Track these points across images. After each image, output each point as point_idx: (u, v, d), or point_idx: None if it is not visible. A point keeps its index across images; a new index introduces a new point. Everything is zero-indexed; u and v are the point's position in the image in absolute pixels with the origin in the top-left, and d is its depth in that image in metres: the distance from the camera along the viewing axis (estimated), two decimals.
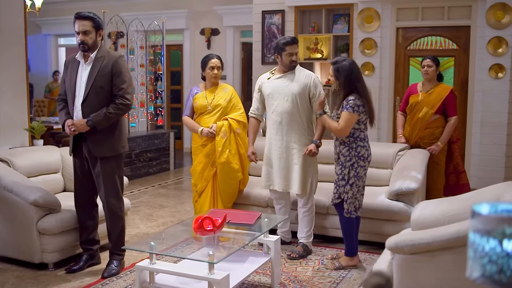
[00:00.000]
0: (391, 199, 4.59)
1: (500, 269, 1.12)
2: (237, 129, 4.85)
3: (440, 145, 5.11)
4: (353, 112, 3.97)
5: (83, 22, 3.86)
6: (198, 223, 3.40)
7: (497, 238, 1.12)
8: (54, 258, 4.15)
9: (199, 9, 10.40)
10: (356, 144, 4.07)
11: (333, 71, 4.09)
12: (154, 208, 6.27)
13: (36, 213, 4.06)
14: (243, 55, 10.41)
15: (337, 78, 4.06)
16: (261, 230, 3.73)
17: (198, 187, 4.89)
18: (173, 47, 10.85)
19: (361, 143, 4.09)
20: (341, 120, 4.02)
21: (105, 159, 3.98)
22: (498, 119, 6.44)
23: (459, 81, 6.78)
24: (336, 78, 4.06)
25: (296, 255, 4.45)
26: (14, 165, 4.50)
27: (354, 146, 4.07)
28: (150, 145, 8.27)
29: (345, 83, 4.03)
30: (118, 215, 4.10)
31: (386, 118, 7.03)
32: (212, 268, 3.10)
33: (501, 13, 6.31)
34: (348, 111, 3.97)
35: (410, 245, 2.88)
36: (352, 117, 3.98)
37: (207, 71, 4.87)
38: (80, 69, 3.95)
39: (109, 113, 3.86)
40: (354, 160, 4.05)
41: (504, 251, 1.12)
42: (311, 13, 7.64)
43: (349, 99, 4.01)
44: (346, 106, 3.99)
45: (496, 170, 6.44)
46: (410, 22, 6.96)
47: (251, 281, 3.92)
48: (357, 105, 3.98)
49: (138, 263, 3.38)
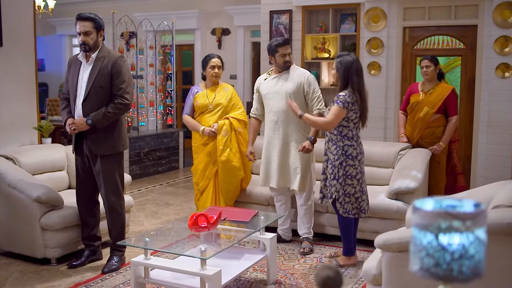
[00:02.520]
0: (391, 198, 4.61)
1: (437, 263, 1.16)
2: (238, 127, 4.91)
3: (442, 145, 5.11)
4: (343, 107, 3.99)
5: (84, 23, 3.95)
6: (193, 220, 3.47)
7: (434, 232, 1.16)
8: (57, 253, 4.26)
9: (210, 9, 10.48)
10: (343, 143, 4.08)
11: (335, 64, 4.12)
12: (160, 206, 6.36)
13: (39, 210, 4.17)
14: (254, 54, 10.46)
15: (338, 69, 4.10)
16: (257, 227, 3.78)
17: (199, 185, 4.96)
18: (184, 47, 10.95)
19: (348, 142, 4.09)
20: (329, 113, 4.04)
21: (105, 157, 4.06)
22: (505, 119, 6.39)
23: (466, 80, 6.74)
24: (337, 69, 4.10)
25: (308, 250, 4.53)
26: (20, 162, 4.61)
27: (341, 144, 4.08)
28: (160, 143, 8.36)
29: (343, 75, 4.06)
30: (118, 212, 4.18)
31: (393, 117, 7.01)
32: (204, 264, 3.16)
33: (508, 12, 6.26)
34: (338, 105, 3.99)
35: (398, 243, 2.90)
36: (341, 111, 3.99)
37: (207, 70, 4.93)
38: (82, 69, 4.05)
39: (108, 113, 3.95)
40: (342, 158, 4.07)
41: (440, 245, 1.15)
42: (319, 13, 7.65)
43: (340, 94, 4.04)
44: (337, 101, 4.01)
45: (502, 170, 6.39)
46: (416, 22, 6.93)
47: (247, 278, 3.97)
48: (347, 101, 4.00)
49: (133, 259, 3.45)
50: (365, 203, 4.21)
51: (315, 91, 4.49)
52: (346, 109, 3.99)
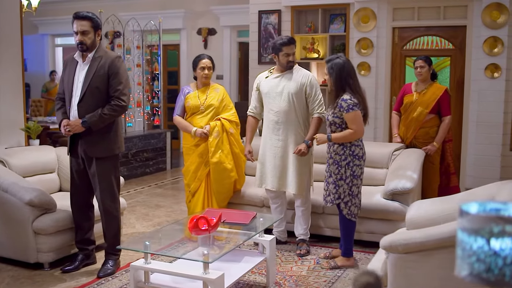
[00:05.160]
0: (387, 199, 4.60)
1: (488, 268, 1.13)
2: (230, 128, 4.86)
3: (436, 145, 5.12)
4: (357, 108, 3.99)
5: (82, 22, 3.85)
6: (193, 223, 3.41)
7: (485, 237, 1.13)
8: (50, 258, 4.16)
9: (196, 9, 10.40)
10: (350, 143, 4.07)
11: (327, 69, 4.10)
12: (150, 207, 6.27)
13: (32, 213, 4.07)
14: (240, 55, 10.41)
15: (330, 74, 4.07)
16: (257, 229, 3.73)
17: (191, 187, 4.90)
18: (170, 47, 10.85)
19: (355, 142, 4.09)
20: (350, 123, 4.01)
21: (100, 160, 3.98)
22: (494, 119, 6.45)
23: (455, 80, 6.80)
24: (329, 75, 4.08)
25: (305, 251, 4.50)
26: (10, 165, 4.50)
27: (349, 145, 4.07)
28: (147, 144, 8.26)
29: (336, 79, 4.04)
30: (114, 215, 4.10)
31: (382, 117, 7.03)
32: (207, 268, 3.11)
33: (496, 13, 6.32)
34: (353, 111, 3.98)
35: (404, 244, 2.89)
36: (357, 113, 3.99)
37: (198, 71, 4.86)
38: (78, 68, 3.95)
39: (104, 114, 3.86)
40: (350, 159, 4.06)
41: (492, 250, 1.13)
42: (308, 13, 7.64)
43: (345, 98, 4.01)
44: (347, 108, 3.99)
45: (492, 170, 6.45)
46: (406, 22, 6.97)
47: (246, 281, 3.92)
48: (355, 103, 4.00)
49: (132, 263, 3.38)
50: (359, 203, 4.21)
51: (317, 94, 4.46)
52: (358, 108, 4.00)
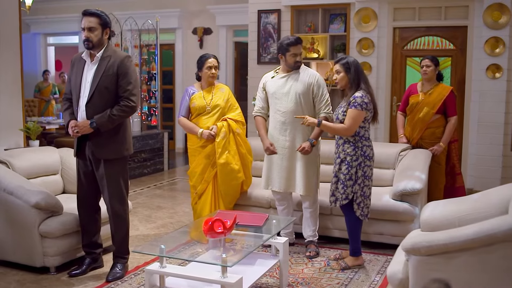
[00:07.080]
0: (396, 200, 4.57)
1: None
2: (236, 129, 4.80)
3: (442, 146, 5.11)
4: (361, 109, 3.94)
5: (89, 18, 3.77)
6: (209, 225, 3.35)
7: None
8: (56, 261, 4.07)
9: (192, 8, 10.33)
10: (361, 144, 4.04)
11: (341, 67, 4.05)
12: (151, 209, 6.19)
13: (38, 216, 3.97)
14: (236, 54, 10.36)
15: (346, 72, 4.03)
16: (271, 232, 3.68)
17: (198, 189, 4.82)
18: (165, 47, 10.75)
19: (366, 142, 4.06)
20: (347, 118, 3.97)
21: (108, 162, 3.89)
22: (495, 119, 6.47)
23: (456, 81, 6.80)
24: (346, 73, 4.03)
25: (314, 253, 4.46)
26: (14, 166, 4.40)
27: (360, 145, 4.03)
28: (144, 145, 8.17)
29: (354, 75, 4.01)
30: (123, 218, 4.01)
31: (383, 117, 7.02)
32: (225, 271, 3.05)
33: (498, 13, 6.33)
34: (356, 109, 3.94)
35: (427, 246, 2.86)
36: (360, 114, 3.95)
37: (204, 70, 4.78)
38: (86, 68, 3.86)
39: (113, 115, 3.77)
40: (361, 159, 4.02)
41: None
42: (307, 12, 7.61)
43: (356, 96, 3.97)
44: (354, 104, 3.95)
45: (493, 170, 6.47)
46: (407, 22, 6.96)
47: (258, 283, 3.87)
48: (365, 102, 3.96)
49: (147, 267, 3.31)
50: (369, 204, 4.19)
51: (324, 94, 4.41)
52: (365, 110, 3.95)
